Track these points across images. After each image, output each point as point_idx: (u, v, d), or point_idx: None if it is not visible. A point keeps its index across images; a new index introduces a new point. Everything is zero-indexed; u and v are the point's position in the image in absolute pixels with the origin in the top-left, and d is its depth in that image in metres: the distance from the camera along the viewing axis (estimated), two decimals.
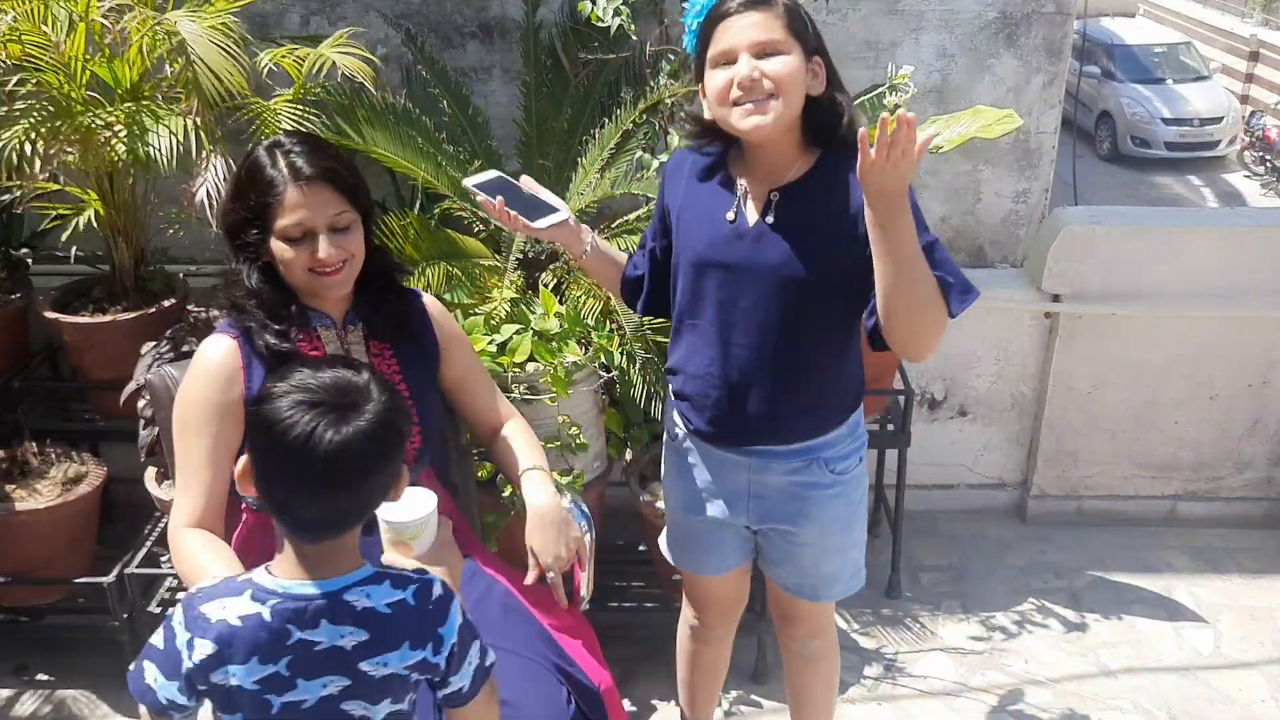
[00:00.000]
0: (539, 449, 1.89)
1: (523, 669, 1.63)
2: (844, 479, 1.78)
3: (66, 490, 2.51)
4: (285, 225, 1.60)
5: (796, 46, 1.55)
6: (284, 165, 1.60)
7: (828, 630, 2.02)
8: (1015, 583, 2.99)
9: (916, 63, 2.83)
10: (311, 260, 1.62)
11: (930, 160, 2.94)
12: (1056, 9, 2.89)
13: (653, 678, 2.57)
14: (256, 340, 1.65)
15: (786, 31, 1.54)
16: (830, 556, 1.85)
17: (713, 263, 1.66)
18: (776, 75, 1.53)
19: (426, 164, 2.55)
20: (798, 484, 1.76)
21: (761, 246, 1.63)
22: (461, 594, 1.72)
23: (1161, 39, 15.59)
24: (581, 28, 2.72)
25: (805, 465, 1.75)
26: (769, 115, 1.55)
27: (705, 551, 1.91)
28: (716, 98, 1.57)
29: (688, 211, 1.70)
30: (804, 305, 1.64)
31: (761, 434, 1.73)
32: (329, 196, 1.62)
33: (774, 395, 1.68)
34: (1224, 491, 3.24)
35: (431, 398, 1.80)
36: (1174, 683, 2.65)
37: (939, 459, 3.23)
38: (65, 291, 2.78)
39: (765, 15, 1.54)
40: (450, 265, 2.49)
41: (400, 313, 1.78)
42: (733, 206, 1.65)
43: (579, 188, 2.63)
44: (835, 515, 1.81)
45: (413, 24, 2.85)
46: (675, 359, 1.78)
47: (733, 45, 1.54)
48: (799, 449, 1.74)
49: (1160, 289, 2.99)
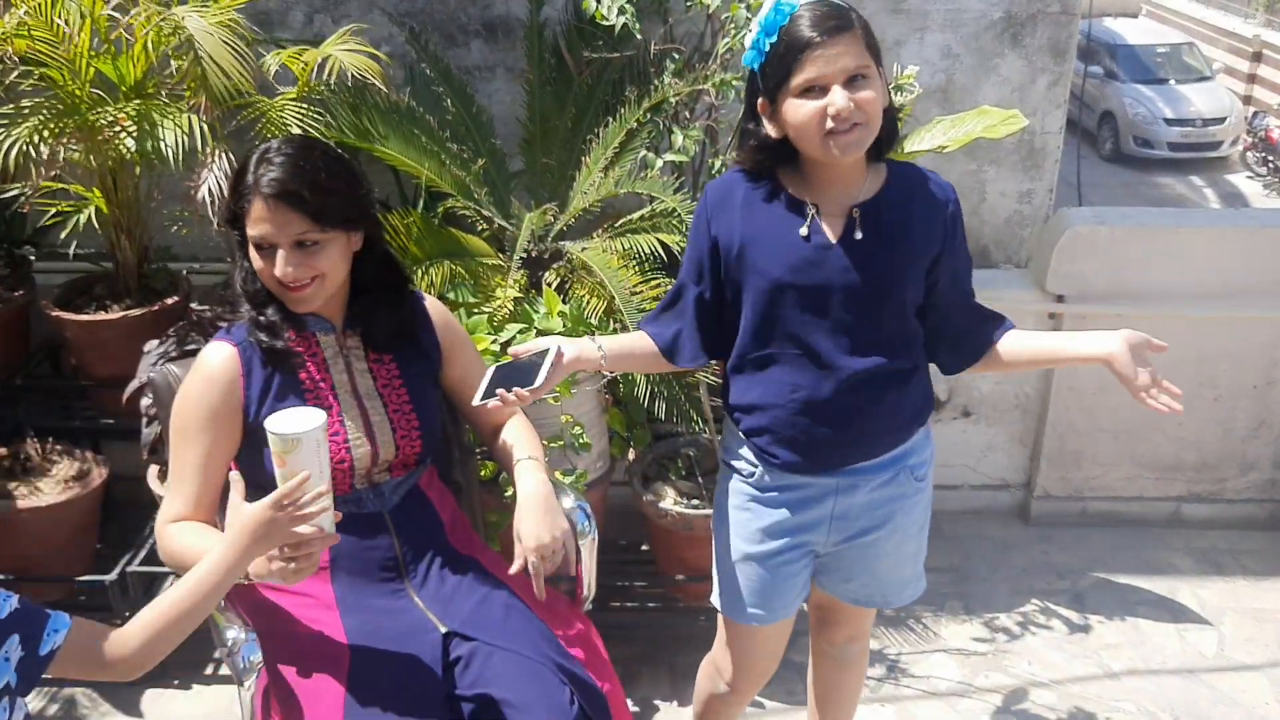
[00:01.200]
0: (536, 442, 1.88)
1: (525, 669, 1.63)
2: (924, 484, 1.79)
3: (68, 488, 2.51)
4: (252, 235, 1.61)
5: (874, 65, 1.53)
6: (257, 176, 1.58)
7: (867, 634, 2.02)
8: (1018, 583, 2.99)
9: (921, 62, 2.82)
10: (275, 273, 1.61)
11: (934, 160, 2.93)
12: (1062, 9, 2.89)
13: (655, 678, 2.56)
14: (252, 339, 1.65)
15: (868, 53, 1.51)
16: (905, 563, 1.85)
17: (795, 286, 1.60)
18: (867, 103, 1.50)
19: (430, 162, 2.54)
20: (884, 497, 1.74)
21: (850, 264, 1.59)
22: (464, 594, 1.73)
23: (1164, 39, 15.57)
24: (586, 26, 2.71)
25: (892, 477, 1.73)
26: (859, 148, 1.54)
27: (774, 594, 1.81)
28: (806, 128, 1.51)
29: (754, 240, 1.63)
30: (892, 318, 1.63)
31: (854, 453, 1.70)
32: (292, 217, 1.58)
33: (867, 412, 1.66)
34: (1228, 493, 3.23)
35: (431, 399, 1.79)
36: (1177, 685, 2.64)
37: (942, 459, 3.21)
38: (68, 289, 2.78)
39: (851, 40, 1.49)
40: (454, 264, 2.48)
41: (399, 319, 1.77)
42: (804, 226, 1.60)
43: (582, 186, 2.63)
44: (915, 520, 1.81)
45: (417, 22, 2.84)
46: (748, 395, 1.70)
47: (823, 76, 1.48)
48: (886, 460, 1.72)
49: (1164, 290, 2.99)
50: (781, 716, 2.52)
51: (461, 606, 1.71)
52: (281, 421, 1.45)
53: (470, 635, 1.66)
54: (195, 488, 1.65)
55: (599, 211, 2.68)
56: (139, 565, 2.48)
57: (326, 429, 1.48)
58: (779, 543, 1.77)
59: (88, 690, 2.55)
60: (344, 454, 1.67)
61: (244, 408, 1.66)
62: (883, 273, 1.60)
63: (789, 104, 1.52)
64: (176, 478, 1.67)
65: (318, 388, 1.69)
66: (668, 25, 2.72)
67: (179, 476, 1.66)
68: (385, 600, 1.70)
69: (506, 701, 1.59)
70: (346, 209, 1.63)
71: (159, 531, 1.67)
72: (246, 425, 1.67)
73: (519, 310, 2.40)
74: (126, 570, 2.46)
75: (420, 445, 1.72)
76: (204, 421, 1.64)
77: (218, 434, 1.65)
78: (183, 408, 1.67)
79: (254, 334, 1.65)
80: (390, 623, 1.67)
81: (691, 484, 2.61)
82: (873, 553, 1.80)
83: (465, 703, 1.62)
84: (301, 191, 1.58)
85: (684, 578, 2.59)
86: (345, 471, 1.68)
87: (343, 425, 1.68)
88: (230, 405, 1.65)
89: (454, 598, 1.73)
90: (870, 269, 1.60)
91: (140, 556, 2.49)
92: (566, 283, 2.55)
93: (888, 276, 1.61)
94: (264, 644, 1.66)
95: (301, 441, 1.44)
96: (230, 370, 1.65)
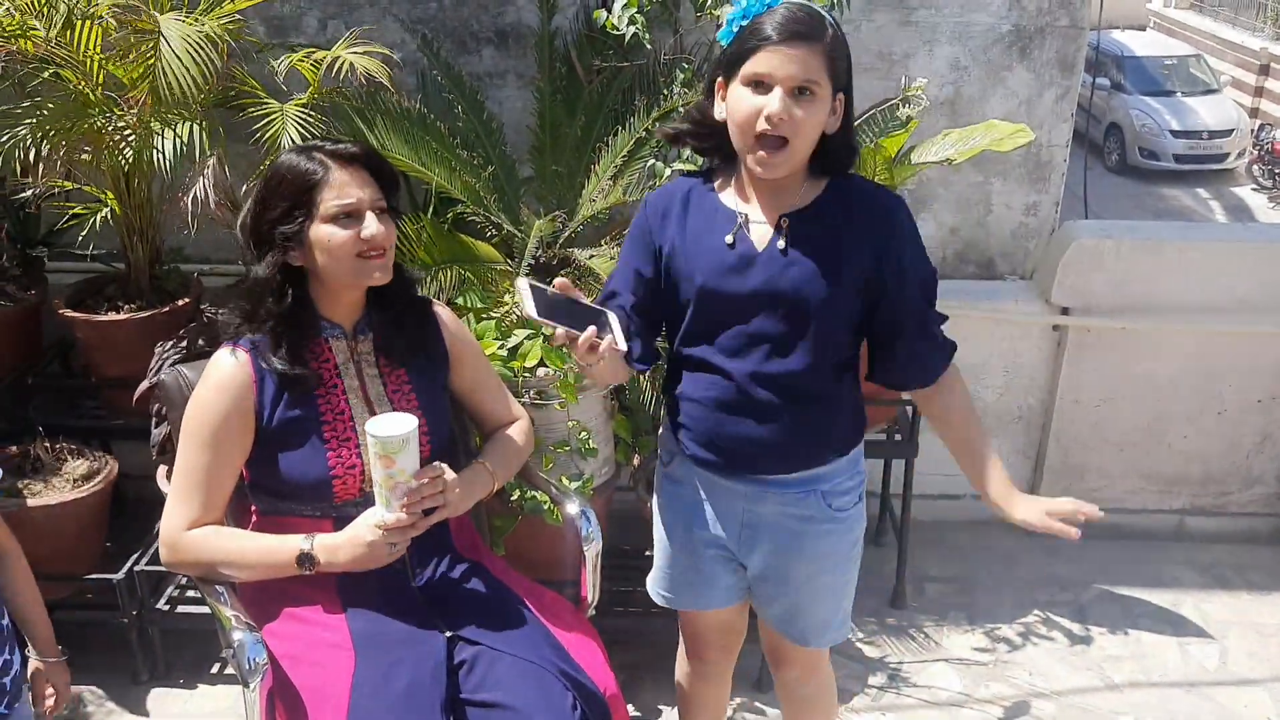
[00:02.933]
0: (513, 454, 1.87)
1: (529, 674, 1.64)
2: (841, 516, 1.75)
3: (78, 487, 2.53)
4: (333, 204, 1.61)
5: (829, 87, 1.52)
6: (324, 155, 1.64)
7: (820, 671, 1.98)
8: (1021, 594, 2.99)
9: (930, 74, 2.83)
10: (358, 242, 1.63)
11: (941, 172, 2.95)
12: (1070, 23, 2.90)
13: (658, 684, 2.57)
14: (265, 364, 1.67)
15: (824, 72, 1.50)
16: (821, 599, 1.82)
17: (718, 290, 1.62)
18: (800, 122, 1.50)
19: (440, 168, 2.56)
20: (793, 516, 1.73)
21: (773, 272, 1.60)
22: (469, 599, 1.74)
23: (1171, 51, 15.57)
24: (596, 35, 2.73)
25: (803, 497, 1.72)
26: (780, 169, 1.54)
27: (703, 585, 1.86)
28: (741, 119, 1.53)
29: (684, 243, 1.65)
30: (811, 331, 1.62)
31: (761, 461, 1.70)
32: (370, 180, 1.65)
33: (777, 422, 1.65)
34: (1232, 507, 3.24)
35: (440, 405, 1.81)
36: (1179, 698, 2.64)
37: (946, 469, 3.19)
38: (80, 289, 2.80)
39: (810, 52, 1.48)
40: (463, 269, 2.50)
41: (423, 336, 1.79)
42: (731, 233, 1.62)
43: (591, 194, 2.65)
44: (828, 553, 1.77)
45: (429, 29, 2.86)
46: (675, 386, 1.74)
47: (770, 74, 1.49)
48: (797, 480, 1.71)
49: (1170, 303, 3.00)
50: None
51: (466, 611, 1.72)
52: (384, 425, 1.57)
53: (474, 640, 1.67)
54: (208, 492, 1.67)
55: (607, 219, 2.70)
56: (147, 564, 2.49)
57: None
58: (689, 535, 1.81)
59: (93, 689, 2.57)
60: (355, 458, 1.69)
61: (257, 412, 1.67)
62: (805, 284, 1.59)
63: (734, 90, 1.54)
64: (188, 483, 1.67)
65: (329, 393, 1.71)
66: (677, 35, 2.74)
67: (192, 482, 1.67)
68: (391, 604, 1.71)
69: (510, 706, 1.60)
70: (395, 188, 1.70)
71: (174, 540, 1.67)
72: (260, 430, 1.68)
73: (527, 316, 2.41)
74: (135, 569, 2.48)
75: (429, 450, 1.73)
76: (218, 428, 1.65)
77: (232, 440, 1.67)
78: (196, 414, 1.67)
79: (269, 360, 1.66)
80: (395, 626, 1.68)
81: None
82: (787, 579, 1.79)
83: (469, 707, 1.63)
84: (374, 156, 1.68)
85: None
86: (355, 475, 1.69)
87: (354, 431, 1.70)
88: (243, 411, 1.66)
89: (459, 602, 1.74)
90: (793, 280, 1.60)
91: (149, 555, 2.50)
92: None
93: (810, 288, 1.59)
94: (270, 645, 1.67)
95: (409, 441, 1.57)
96: (243, 376, 1.66)
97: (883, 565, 3.02)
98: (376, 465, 1.58)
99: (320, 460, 1.67)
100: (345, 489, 1.69)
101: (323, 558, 1.63)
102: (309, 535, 1.65)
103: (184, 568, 1.70)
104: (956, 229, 3.11)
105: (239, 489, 1.75)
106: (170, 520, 1.68)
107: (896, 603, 2.91)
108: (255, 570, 1.68)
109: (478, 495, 1.77)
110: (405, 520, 1.61)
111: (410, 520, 1.61)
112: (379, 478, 1.59)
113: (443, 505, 1.66)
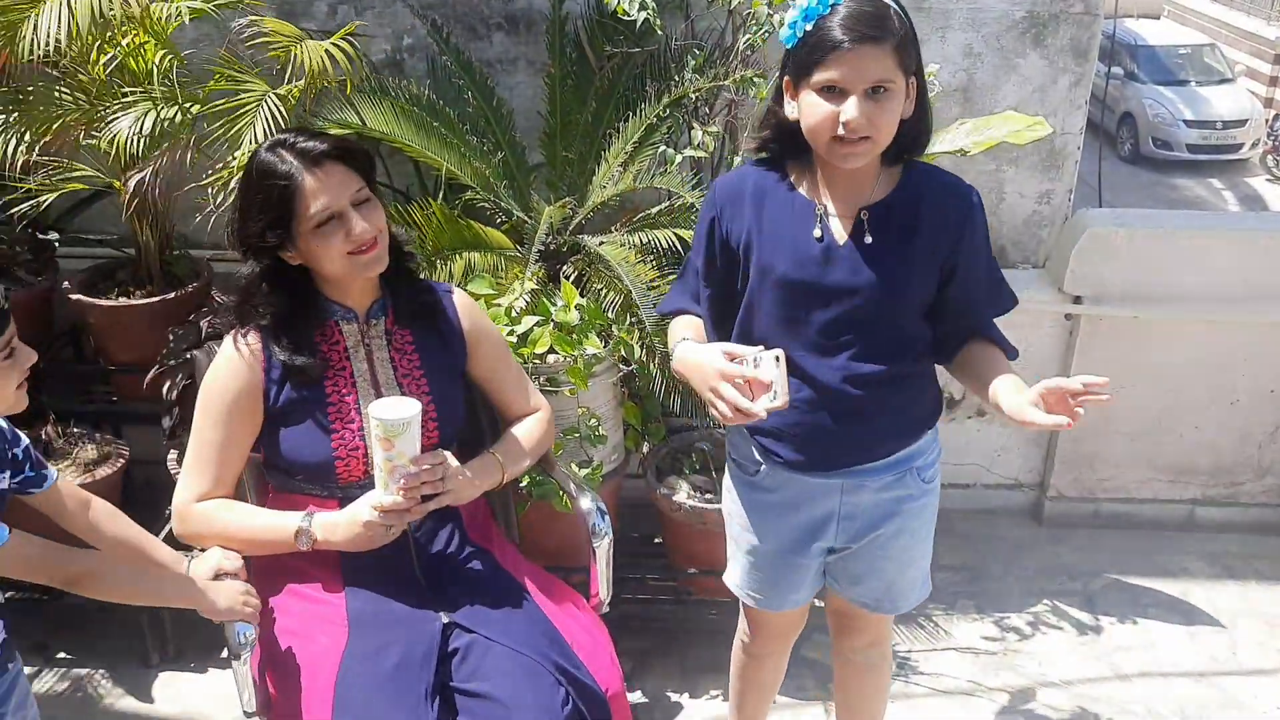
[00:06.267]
0: (528, 445, 1.86)
1: (520, 667, 1.63)
2: (931, 487, 1.78)
3: (88, 471, 2.54)
4: (311, 214, 1.60)
5: (903, 79, 1.50)
6: (292, 157, 1.60)
7: (888, 638, 2.01)
8: (1030, 584, 2.99)
9: (943, 61, 2.82)
10: (347, 242, 1.62)
11: (954, 159, 2.93)
12: (1085, 9, 2.87)
13: (666, 670, 2.58)
14: (276, 352, 1.68)
15: (897, 67, 1.48)
16: (911, 567, 1.84)
17: (803, 283, 1.60)
18: (881, 119, 1.49)
19: (450, 154, 2.56)
20: (891, 499, 1.74)
21: (858, 265, 1.59)
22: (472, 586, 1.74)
23: (1186, 40, 15.46)
24: (607, 21, 2.72)
25: (899, 478, 1.73)
26: (862, 160, 1.53)
27: (787, 591, 1.86)
28: (817, 128, 1.51)
29: (764, 234, 1.63)
30: (899, 322, 1.63)
31: (858, 453, 1.70)
32: (344, 175, 1.62)
33: (872, 413, 1.65)
34: (1243, 497, 3.22)
35: (452, 391, 1.80)
36: (1188, 688, 2.64)
37: (956, 458, 3.22)
38: (92, 274, 2.81)
39: (881, 50, 1.46)
40: (472, 255, 2.50)
41: (423, 300, 1.79)
42: (815, 225, 1.60)
43: (601, 180, 2.64)
44: (923, 523, 1.81)
45: (439, 14, 2.85)
46: None
47: (844, 81, 1.47)
48: (892, 462, 1.72)
49: (1183, 293, 2.98)
50: (792, 712, 2.53)
51: (467, 598, 1.72)
52: (385, 408, 1.58)
53: (470, 627, 1.68)
54: (218, 468, 1.70)
55: (617, 206, 2.69)
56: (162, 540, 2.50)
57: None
58: (783, 540, 1.79)
59: (105, 670, 2.59)
60: (358, 441, 1.69)
61: (264, 392, 1.68)
62: (890, 275, 1.59)
63: (807, 96, 1.52)
64: (199, 457, 1.70)
65: (337, 376, 1.71)
66: (689, 21, 2.73)
67: (203, 456, 1.70)
68: (392, 586, 1.72)
69: (495, 697, 1.60)
70: (372, 170, 1.68)
71: (183, 511, 1.71)
72: (266, 410, 1.69)
73: (537, 303, 2.41)
74: None
75: (437, 436, 1.74)
76: (229, 404, 1.68)
77: (241, 417, 1.68)
78: (209, 390, 1.70)
79: (274, 352, 1.67)
80: (393, 607, 1.69)
81: (705, 478, 2.62)
82: (880, 554, 1.80)
83: (459, 695, 1.63)
84: (343, 147, 1.63)
85: (696, 571, 2.60)
86: (360, 459, 1.70)
87: (359, 414, 1.70)
88: (252, 391, 1.68)
89: (461, 589, 1.74)
90: (878, 271, 1.59)
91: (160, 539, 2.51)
92: (584, 276, 2.56)
93: (895, 279, 1.60)
94: (266, 614, 1.69)
95: (410, 425, 1.58)
96: (253, 355, 1.68)
97: None
98: (376, 447, 1.59)
99: (323, 442, 1.69)
100: (348, 471, 1.70)
101: (320, 535, 1.66)
102: (309, 513, 1.67)
103: (194, 539, 1.73)
104: None
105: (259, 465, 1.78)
106: (181, 493, 1.72)
107: None
108: (258, 544, 1.70)
109: (485, 485, 1.77)
110: (402, 504, 1.61)
111: (407, 504, 1.61)
112: (379, 460, 1.60)
113: (443, 492, 1.66)
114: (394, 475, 1.61)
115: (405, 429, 1.58)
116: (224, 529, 1.70)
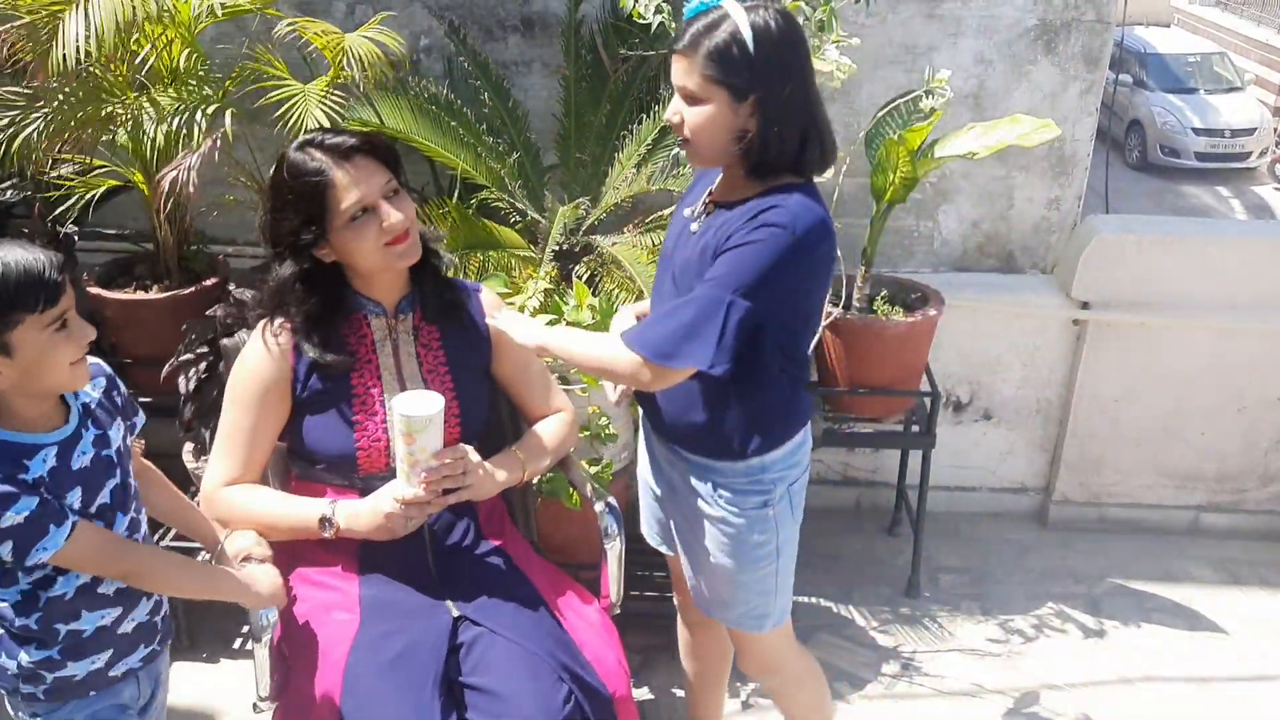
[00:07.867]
0: (550, 445, 1.87)
1: (524, 663, 1.64)
2: (735, 513, 1.74)
3: None
4: (344, 208, 1.61)
5: (720, 92, 1.54)
6: (321, 154, 1.62)
7: (777, 666, 1.95)
8: (1034, 587, 3.00)
9: (954, 68, 2.84)
10: (382, 234, 1.64)
11: (963, 165, 2.96)
12: (1097, 17, 2.90)
13: (672, 667, 2.59)
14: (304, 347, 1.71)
15: (704, 81, 1.54)
16: (719, 582, 1.83)
17: (666, 256, 1.74)
18: (688, 124, 1.59)
19: (466, 154, 2.59)
20: (691, 491, 1.79)
21: (686, 248, 1.68)
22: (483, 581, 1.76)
23: (1195, 48, 15.43)
24: (622, 24, 2.74)
25: (701, 480, 1.76)
26: (693, 159, 1.65)
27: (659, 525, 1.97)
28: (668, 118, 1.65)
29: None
30: None
31: (665, 430, 1.79)
32: (374, 167, 1.64)
33: (671, 397, 1.72)
34: (1248, 504, 3.24)
35: (477, 388, 1.82)
36: (1191, 693, 2.65)
37: (962, 461, 3.24)
38: (109, 268, 2.84)
39: (688, 63, 1.56)
40: (487, 254, 2.52)
41: (450, 298, 1.81)
42: (694, 207, 1.72)
43: (615, 182, 2.66)
44: (719, 542, 1.78)
45: (456, 16, 2.88)
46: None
47: (675, 82, 1.59)
48: (695, 461, 1.76)
49: (1190, 299, 3.00)
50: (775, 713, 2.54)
51: (478, 593, 1.74)
52: (409, 403, 1.60)
53: (478, 621, 1.69)
54: (247, 452, 1.73)
55: (630, 207, 2.71)
56: (172, 541, 2.53)
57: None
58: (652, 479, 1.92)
59: None
60: (380, 433, 1.72)
61: (292, 383, 1.71)
62: (686, 268, 1.65)
63: None
64: (229, 443, 1.74)
65: (363, 369, 1.74)
66: None
67: (232, 442, 1.73)
68: (406, 576, 1.74)
69: (496, 691, 1.61)
70: (398, 163, 1.70)
71: (211, 495, 1.74)
72: (293, 399, 1.72)
73: (549, 302, 2.44)
74: (160, 544, 2.51)
75: (459, 432, 1.76)
76: (258, 393, 1.71)
77: (270, 404, 1.71)
78: (238, 378, 1.73)
79: (303, 350, 1.69)
80: (406, 598, 1.71)
81: None
82: (684, 542, 1.87)
83: (466, 689, 1.64)
84: (370, 142, 1.65)
85: None
86: (381, 451, 1.72)
87: (382, 406, 1.72)
88: (280, 380, 1.71)
89: (473, 583, 1.76)
90: (685, 259, 1.67)
91: (174, 532, 2.53)
92: (596, 276, 2.59)
93: (687, 274, 1.65)
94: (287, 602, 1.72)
95: (433, 421, 1.60)
96: (283, 344, 1.71)
97: (897, 555, 3.05)
98: (399, 441, 1.62)
99: (346, 433, 1.71)
100: (370, 462, 1.73)
101: (343, 523, 1.68)
102: (333, 500, 1.70)
103: (221, 522, 1.76)
104: (978, 222, 3.12)
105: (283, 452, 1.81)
106: (209, 477, 1.75)
107: (910, 592, 2.93)
108: (282, 530, 1.73)
109: (506, 482, 1.78)
110: (423, 497, 1.64)
111: (428, 497, 1.64)
112: (401, 453, 1.63)
113: (464, 487, 1.69)
114: (416, 469, 1.63)
115: (428, 424, 1.60)
116: (249, 513, 1.73)
